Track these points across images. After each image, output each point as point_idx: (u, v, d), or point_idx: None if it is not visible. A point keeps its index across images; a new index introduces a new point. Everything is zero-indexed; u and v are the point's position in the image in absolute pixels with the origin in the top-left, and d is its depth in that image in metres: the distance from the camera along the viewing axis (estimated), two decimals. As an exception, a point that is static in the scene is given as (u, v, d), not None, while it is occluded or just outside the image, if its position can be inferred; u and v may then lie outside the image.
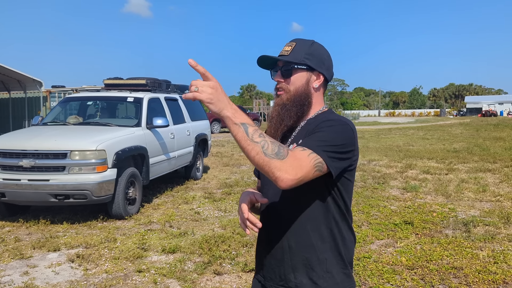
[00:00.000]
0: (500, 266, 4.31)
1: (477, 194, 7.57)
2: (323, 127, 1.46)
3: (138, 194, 6.66)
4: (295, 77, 1.58)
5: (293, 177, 1.32)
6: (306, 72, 1.59)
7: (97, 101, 8.16)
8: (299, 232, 1.52)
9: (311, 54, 1.60)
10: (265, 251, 1.62)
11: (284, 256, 1.54)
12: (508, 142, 17.01)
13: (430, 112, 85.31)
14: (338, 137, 1.44)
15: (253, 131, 1.31)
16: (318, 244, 1.52)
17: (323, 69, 1.62)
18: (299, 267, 1.52)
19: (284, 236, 1.54)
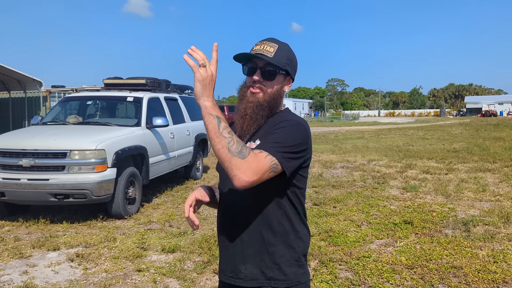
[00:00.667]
0: (500, 265, 4.31)
1: (477, 194, 7.57)
2: (278, 128, 1.53)
3: (137, 194, 6.66)
4: (275, 80, 1.62)
5: (248, 179, 1.38)
6: (283, 77, 1.64)
7: (97, 100, 8.16)
8: (252, 226, 1.59)
9: (290, 59, 1.65)
10: (221, 246, 1.69)
11: (235, 249, 1.61)
12: (508, 142, 17.01)
13: (430, 112, 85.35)
14: (292, 137, 1.51)
15: (224, 126, 1.39)
16: (269, 238, 1.58)
17: (294, 75, 1.69)
18: (249, 259, 1.59)
19: (238, 230, 1.61)
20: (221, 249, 1.70)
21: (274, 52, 1.60)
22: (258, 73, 1.61)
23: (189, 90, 10.36)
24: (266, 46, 1.61)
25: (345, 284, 3.94)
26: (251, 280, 1.59)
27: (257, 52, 1.60)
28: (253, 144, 1.59)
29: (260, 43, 1.63)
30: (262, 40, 1.65)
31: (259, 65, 1.61)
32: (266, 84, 1.61)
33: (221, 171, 1.72)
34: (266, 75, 1.60)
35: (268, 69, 1.60)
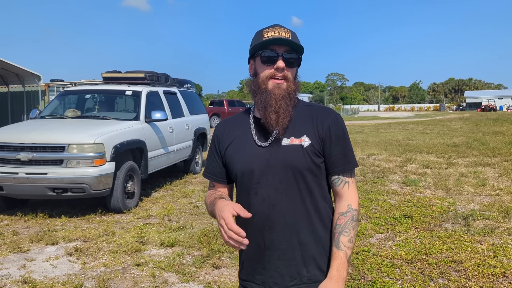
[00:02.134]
0: (500, 259, 4.30)
1: (477, 188, 7.56)
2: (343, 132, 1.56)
3: (136, 188, 6.64)
4: (296, 68, 1.56)
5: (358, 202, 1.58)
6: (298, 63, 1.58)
7: (95, 94, 8.11)
8: (308, 225, 1.51)
9: (302, 46, 1.56)
10: (264, 256, 1.52)
11: (295, 254, 1.50)
12: (508, 136, 16.99)
13: (429, 107, 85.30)
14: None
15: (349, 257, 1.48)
16: (323, 235, 1.53)
17: (300, 62, 1.61)
18: (310, 261, 1.51)
19: (293, 234, 1.50)
20: (264, 259, 1.52)
21: (291, 37, 1.50)
22: (281, 60, 1.49)
23: (188, 84, 10.32)
24: (281, 32, 1.50)
25: (345, 279, 3.91)
26: (314, 282, 1.50)
27: (276, 38, 1.49)
28: (301, 140, 1.50)
29: (271, 29, 1.51)
30: (270, 26, 1.54)
31: (279, 52, 1.49)
32: (289, 72, 1.51)
33: (246, 175, 1.55)
34: (289, 62, 1.50)
35: (291, 56, 1.50)
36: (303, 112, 1.56)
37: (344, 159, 1.52)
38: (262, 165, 1.50)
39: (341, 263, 1.42)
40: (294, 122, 1.53)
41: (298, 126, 1.53)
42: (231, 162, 1.59)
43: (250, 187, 1.53)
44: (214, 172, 1.66)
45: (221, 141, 1.63)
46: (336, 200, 1.57)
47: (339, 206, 1.54)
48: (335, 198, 1.58)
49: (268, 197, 1.50)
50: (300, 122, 1.54)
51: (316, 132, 1.51)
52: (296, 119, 1.54)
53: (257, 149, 1.53)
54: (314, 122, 1.53)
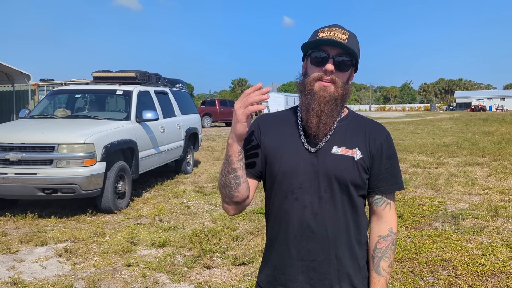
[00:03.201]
0: (489, 258, 4.34)
1: (466, 188, 7.62)
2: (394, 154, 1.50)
3: (127, 188, 6.60)
4: (348, 72, 1.44)
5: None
6: (352, 68, 1.46)
7: (86, 94, 8.06)
8: (346, 240, 1.43)
9: (359, 50, 1.48)
10: (294, 266, 1.43)
11: (330, 269, 1.42)
12: (497, 136, 17.16)
13: (420, 107, 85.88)
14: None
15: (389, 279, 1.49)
16: (358, 251, 1.47)
17: (357, 67, 1.50)
18: (344, 277, 1.43)
19: (331, 247, 1.41)
20: (297, 270, 1.43)
21: (347, 40, 1.40)
22: (331, 63, 1.39)
23: (179, 84, 10.29)
24: (337, 33, 1.41)
25: (336, 278, 3.93)
26: None
27: (330, 39, 1.40)
28: (353, 152, 1.43)
29: (327, 29, 1.42)
30: (328, 26, 1.45)
31: (330, 53, 1.40)
32: (338, 76, 1.41)
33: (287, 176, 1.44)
34: (340, 66, 1.40)
35: (343, 59, 1.41)
36: (355, 123, 1.49)
37: (391, 179, 1.46)
38: (307, 170, 1.41)
39: None
40: (345, 131, 1.46)
41: (350, 137, 1.45)
42: (273, 159, 1.47)
43: (290, 190, 1.43)
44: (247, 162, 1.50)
45: (264, 132, 1.51)
46: (374, 220, 1.51)
47: (378, 228, 1.49)
48: (373, 218, 1.52)
49: (311, 205, 1.41)
50: (352, 132, 1.46)
51: (368, 147, 1.45)
52: (348, 129, 1.47)
53: (304, 152, 1.44)
54: (367, 136, 1.46)
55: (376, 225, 1.50)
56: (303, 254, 1.41)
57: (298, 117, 1.50)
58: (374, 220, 1.50)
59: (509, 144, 14.11)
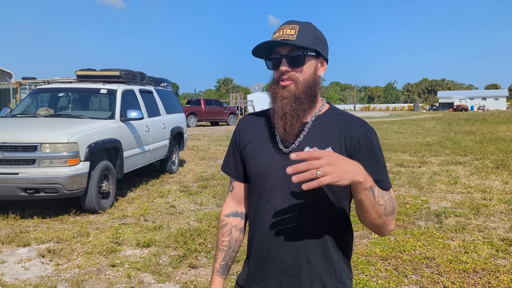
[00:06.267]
0: (471, 255, 4.41)
1: (449, 186, 7.74)
2: (375, 147, 1.38)
3: (112, 188, 6.54)
4: (306, 65, 1.37)
5: (394, 225, 1.35)
6: (314, 60, 1.40)
7: (69, 92, 7.96)
8: (319, 244, 1.38)
9: (317, 38, 1.40)
10: (267, 268, 1.42)
11: (301, 273, 1.37)
12: (478, 135, 17.45)
13: (404, 106, 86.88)
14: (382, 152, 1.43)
15: (378, 192, 1.25)
16: (335, 255, 1.40)
17: (327, 54, 1.45)
18: (316, 281, 1.38)
19: (301, 250, 1.37)
20: (270, 271, 1.41)
21: (297, 33, 1.35)
22: (284, 63, 1.36)
23: (164, 83, 10.22)
24: (285, 30, 1.36)
25: (321, 276, 3.95)
26: None
27: (280, 40, 1.36)
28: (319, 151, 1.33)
29: (278, 29, 1.39)
30: (281, 25, 1.41)
31: (282, 53, 1.36)
32: (297, 73, 1.36)
33: (260, 179, 1.43)
34: (294, 62, 1.36)
35: (295, 54, 1.36)
36: (332, 121, 1.42)
37: (374, 177, 1.27)
38: (279, 172, 1.35)
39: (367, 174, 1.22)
40: (321, 129, 1.40)
41: (325, 135, 1.38)
42: (248, 161, 1.47)
43: (263, 192, 1.41)
44: (231, 167, 1.55)
45: (242, 135, 1.51)
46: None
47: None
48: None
49: (281, 207, 1.38)
50: (328, 130, 1.39)
51: (344, 145, 1.36)
52: (324, 127, 1.40)
53: (277, 153, 1.40)
54: (343, 133, 1.37)
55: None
56: (273, 257, 1.40)
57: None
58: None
59: (490, 143, 14.36)
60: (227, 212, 1.58)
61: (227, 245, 1.55)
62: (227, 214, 1.58)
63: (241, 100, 42.13)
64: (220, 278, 1.54)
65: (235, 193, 1.57)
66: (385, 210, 1.26)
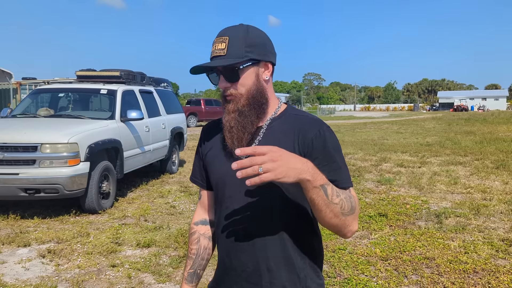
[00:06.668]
0: (471, 256, 4.41)
1: (449, 187, 7.74)
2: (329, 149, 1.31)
3: (112, 188, 6.54)
4: (244, 77, 1.33)
5: (357, 226, 1.29)
6: (253, 67, 1.34)
7: (69, 93, 7.96)
8: (280, 250, 1.34)
9: (251, 45, 1.33)
10: (229, 276, 1.42)
11: (262, 280, 1.35)
12: (478, 136, 17.45)
13: (404, 106, 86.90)
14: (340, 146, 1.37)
15: (331, 190, 1.19)
16: (298, 261, 1.36)
17: (269, 56, 1.38)
18: None
19: (260, 258, 1.34)
20: (237, 280, 1.40)
21: (227, 47, 1.31)
22: (222, 79, 1.34)
23: (165, 83, 10.23)
24: (217, 45, 1.34)
25: (321, 277, 3.96)
26: None
27: (211, 57, 1.35)
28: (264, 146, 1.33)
29: (213, 43, 1.36)
30: (216, 37, 1.38)
31: (219, 69, 1.34)
32: (237, 86, 1.33)
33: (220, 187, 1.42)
34: (230, 78, 1.33)
35: (229, 70, 1.32)
36: (287, 122, 1.37)
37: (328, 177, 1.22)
38: (235, 178, 1.21)
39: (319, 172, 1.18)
40: (275, 132, 1.36)
41: (280, 138, 1.33)
42: (210, 169, 1.47)
43: (223, 199, 1.41)
44: (197, 176, 1.55)
45: (204, 144, 1.51)
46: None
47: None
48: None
49: (239, 214, 1.36)
50: (283, 133, 1.35)
51: (297, 146, 1.31)
52: (278, 130, 1.36)
53: (233, 159, 1.33)
54: (297, 134, 1.33)
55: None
56: (235, 264, 1.39)
57: None
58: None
59: (490, 143, 14.37)
60: (196, 220, 1.59)
61: (195, 253, 1.55)
62: (196, 222, 1.58)
63: (241, 100, 42.09)
64: (188, 286, 1.54)
65: (203, 201, 1.58)
66: (342, 209, 1.21)
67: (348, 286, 3.77)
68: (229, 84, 1.34)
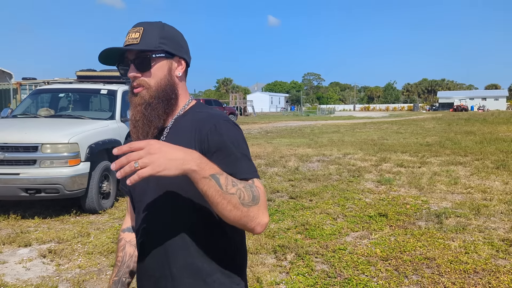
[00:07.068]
0: (471, 256, 4.42)
1: (449, 187, 7.74)
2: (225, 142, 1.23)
3: (112, 188, 6.55)
4: (155, 68, 1.30)
5: (267, 218, 1.17)
6: (166, 60, 1.32)
7: (69, 93, 7.96)
8: (183, 255, 1.28)
9: (166, 37, 1.32)
10: (146, 280, 1.37)
11: (167, 286, 1.30)
12: (478, 136, 17.46)
13: (403, 106, 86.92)
14: (242, 139, 1.28)
15: (225, 180, 1.10)
16: (205, 266, 1.28)
17: (183, 53, 1.37)
18: None
19: (165, 263, 1.30)
20: (149, 286, 1.36)
21: (141, 36, 1.29)
22: (132, 68, 1.30)
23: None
24: (131, 34, 1.31)
25: (321, 277, 3.97)
26: None
27: (124, 45, 1.30)
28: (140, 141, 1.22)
29: (127, 33, 1.33)
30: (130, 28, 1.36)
31: (130, 58, 1.31)
32: (146, 77, 1.30)
33: (133, 192, 1.40)
34: (140, 67, 1.29)
35: (140, 58, 1.29)
36: (189, 120, 1.32)
37: (227, 171, 1.16)
38: (141, 182, 1.13)
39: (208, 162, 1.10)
40: (178, 131, 1.32)
41: (180, 138, 1.27)
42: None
43: (135, 204, 1.39)
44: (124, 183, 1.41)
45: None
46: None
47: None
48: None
49: (146, 218, 1.33)
50: (184, 130, 1.30)
51: (195, 143, 1.25)
52: (181, 128, 1.32)
53: None
54: (194, 131, 1.27)
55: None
56: (146, 269, 1.36)
57: None
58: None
59: (490, 143, 14.37)
60: (123, 227, 1.58)
61: (121, 261, 1.52)
62: (123, 229, 1.57)
63: (240, 100, 42.15)
64: None
65: (129, 209, 1.56)
66: (242, 200, 1.11)
67: (349, 286, 3.77)
68: (139, 74, 1.30)
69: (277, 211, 6.16)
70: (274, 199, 6.88)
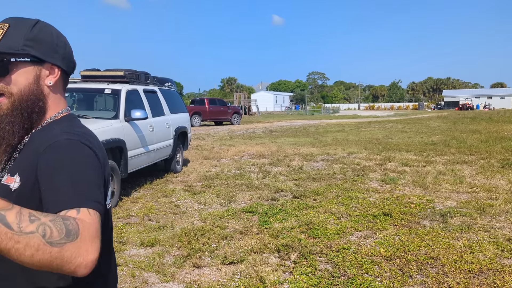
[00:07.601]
0: (476, 255, 4.39)
1: (454, 186, 7.70)
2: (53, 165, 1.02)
3: (116, 188, 6.55)
4: (16, 74, 1.11)
5: (95, 255, 0.89)
6: (32, 66, 1.13)
7: (74, 92, 7.98)
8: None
9: (34, 39, 1.13)
10: None
11: None
12: (484, 134, 17.36)
13: (408, 105, 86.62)
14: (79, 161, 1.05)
15: (17, 216, 0.81)
16: None
17: (57, 59, 1.18)
18: None
19: None
20: None
21: (3, 35, 1.10)
22: None
23: (169, 83, 10.24)
24: None
25: (325, 276, 3.95)
26: None
27: None
28: (12, 180, 1.08)
29: None
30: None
31: None
32: (8, 84, 1.10)
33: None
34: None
35: None
36: (41, 136, 1.13)
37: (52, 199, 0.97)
38: None
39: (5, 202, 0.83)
40: (26, 150, 1.14)
41: (24, 158, 1.11)
42: None
43: None
44: None
45: None
46: None
47: None
48: None
49: None
50: (29, 150, 1.12)
51: (33, 167, 1.06)
52: (29, 147, 1.13)
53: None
54: (35, 151, 1.08)
55: None
56: None
57: None
58: None
59: (496, 142, 14.29)
60: None
61: None
62: None
63: (245, 100, 42.15)
64: None
65: None
66: (48, 238, 0.82)
67: (352, 286, 3.75)
68: None
69: (281, 210, 6.15)
70: (278, 198, 6.87)
